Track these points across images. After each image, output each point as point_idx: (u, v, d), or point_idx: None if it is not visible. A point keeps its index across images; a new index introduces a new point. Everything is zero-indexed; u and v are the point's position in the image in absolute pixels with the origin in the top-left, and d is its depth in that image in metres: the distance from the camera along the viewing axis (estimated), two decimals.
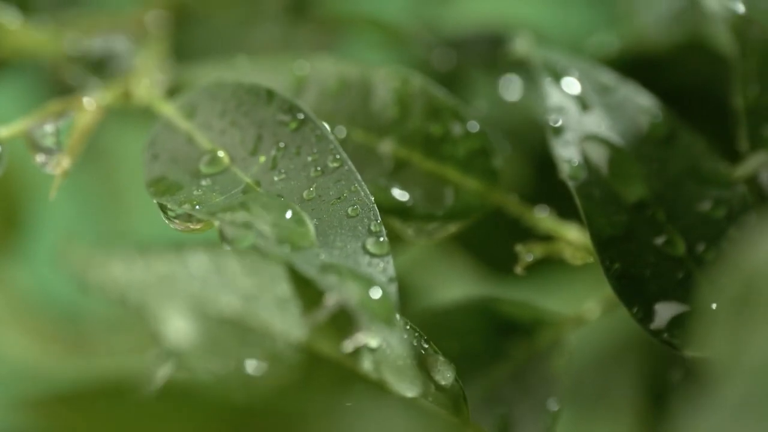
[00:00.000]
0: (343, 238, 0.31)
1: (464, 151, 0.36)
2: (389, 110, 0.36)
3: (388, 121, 0.36)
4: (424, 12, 0.50)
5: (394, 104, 0.36)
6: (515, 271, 0.35)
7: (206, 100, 0.35)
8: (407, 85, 0.36)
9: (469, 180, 0.35)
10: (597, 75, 0.37)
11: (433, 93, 0.36)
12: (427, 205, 0.35)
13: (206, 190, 0.32)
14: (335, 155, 0.32)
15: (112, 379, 0.23)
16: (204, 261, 0.29)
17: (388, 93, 0.36)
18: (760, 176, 0.35)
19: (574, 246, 0.35)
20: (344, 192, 0.32)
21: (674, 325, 0.33)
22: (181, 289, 0.29)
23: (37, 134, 0.35)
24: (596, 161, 0.35)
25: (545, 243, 0.36)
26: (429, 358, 0.30)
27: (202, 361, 0.28)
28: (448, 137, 0.36)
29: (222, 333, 0.28)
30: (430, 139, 0.36)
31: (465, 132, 0.36)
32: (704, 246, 0.34)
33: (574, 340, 0.36)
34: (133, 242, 0.30)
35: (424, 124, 0.36)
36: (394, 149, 0.35)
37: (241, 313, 0.29)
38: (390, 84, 0.36)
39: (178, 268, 0.29)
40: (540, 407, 0.35)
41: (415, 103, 0.36)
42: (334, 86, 0.36)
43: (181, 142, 0.34)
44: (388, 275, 0.30)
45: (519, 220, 0.36)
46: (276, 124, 0.33)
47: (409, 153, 0.35)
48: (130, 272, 0.28)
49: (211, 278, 0.29)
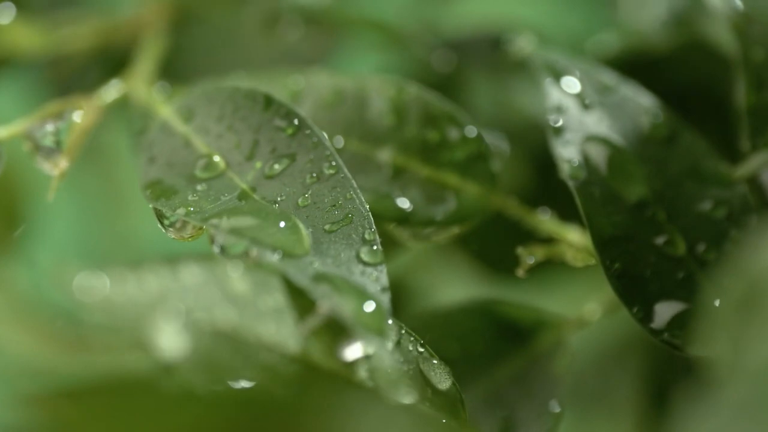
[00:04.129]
0: (337, 247, 0.31)
1: (462, 156, 0.36)
2: (385, 119, 0.36)
3: (385, 130, 0.36)
4: (425, 13, 0.50)
5: (390, 113, 0.36)
6: (517, 274, 0.35)
7: (204, 103, 0.35)
8: (402, 93, 0.36)
9: (468, 184, 0.35)
10: (597, 75, 0.37)
11: (429, 100, 0.36)
12: (427, 210, 0.35)
13: (201, 196, 0.32)
14: (331, 162, 0.32)
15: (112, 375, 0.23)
16: (197, 273, 0.29)
17: (383, 102, 0.36)
18: (761, 176, 0.35)
19: (576, 248, 0.35)
20: (339, 199, 0.31)
21: (675, 325, 0.33)
22: (174, 304, 0.28)
23: (36, 134, 0.35)
24: (596, 161, 0.35)
25: (546, 245, 0.36)
26: (425, 362, 0.30)
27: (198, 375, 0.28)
28: (445, 143, 0.36)
29: (216, 346, 0.28)
30: (427, 145, 0.36)
31: (462, 137, 0.36)
32: (705, 246, 0.34)
33: (575, 340, 0.36)
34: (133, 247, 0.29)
35: (421, 130, 0.36)
36: (393, 157, 0.35)
37: (235, 325, 0.29)
38: (385, 93, 0.36)
39: (171, 283, 0.29)
40: (542, 409, 0.35)
41: (410, 110, 0.36)
42: (330, 98, 0.36)
43: (178, 146, 0.34)
44: (381, 285, 0.30)
45: (520, 222, 0.36)
46: (273, 129, 0.33)
47: (407, 160, 0.35)
48: (123, 290, 0.28)
49: (204, 290, 0.29)
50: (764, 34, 0.36)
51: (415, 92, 0.36)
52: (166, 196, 0.33)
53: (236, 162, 0.33)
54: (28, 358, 0.53)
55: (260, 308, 0.29)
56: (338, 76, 0.36)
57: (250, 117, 0.34)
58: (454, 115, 0.36)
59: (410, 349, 0.30)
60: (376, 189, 0.35)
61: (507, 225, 0.36)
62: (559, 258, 0.36)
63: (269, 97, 0.34)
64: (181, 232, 0.32)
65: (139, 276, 0.28)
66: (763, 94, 0.35)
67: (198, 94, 0.35)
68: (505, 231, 0.37)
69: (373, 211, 0.32)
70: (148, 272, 0.28)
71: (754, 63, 0.35)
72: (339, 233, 0.31)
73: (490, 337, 0.36)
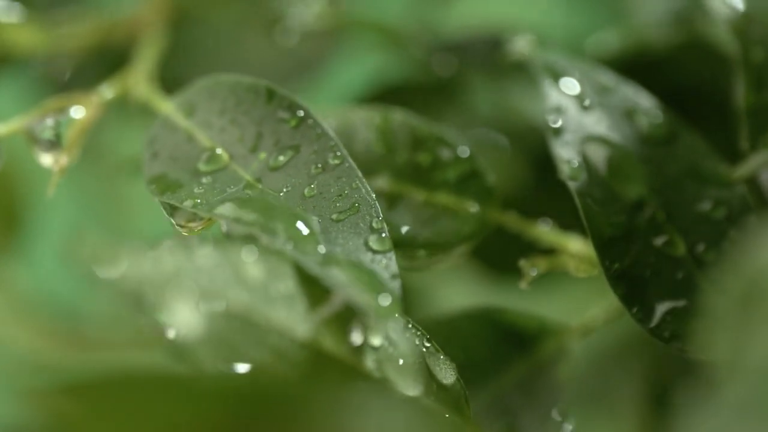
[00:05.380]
0: (345, 236, 0.31)
1: (456, 175, 0.35)
2: (375, 148, 0.36)
3: (376, 159, 0.36)
4: (424, 14, 0.50)
5: (378, 141, 0.36)
6: (519, 286, 0.35)
7: (205, 98, 0.35)
8: (388, 121, 0.36)
9: (465, 203, 0.35)
10: (597, 75, 0.37)
11: (415, 124, 0.36)
12: (427, 234, 0.35)
13: (207, 188, 0.32)
14: (336, 152, 0.32)
15: (113, 371, 0.23)
16: (212, 255, 0.29)
17: (370, 132, 0.36)
18: (761, 176, 0.35)
19: (578, 258, 0.35)
20: (345, 189, 0.31)
21: (674, 326, 0.33)
22: (189, 283, 0.29)
23: (36, 131, 0.35)
24: (596, 162, 0.35)
25: (548, 256, 0.36)
26: (431, 357, 0.30)
27: (208, 355, 0.28)
28: (437, 164, 0.35)
29: (228, 328, 0.29)
30: (419, 168, 0.35)
31: (454, 156, 0.36)
32: (704, 246, 0.34)
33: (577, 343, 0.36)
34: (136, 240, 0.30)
35: (412, 155, 0.36)
36: (386, 185, 0.35)
37: (247, 308, 0.29)
38: (371, 122, 0.36)
39: (187, 263, 0.29)
40: (545, 416, 0.35)
41: (398, 136, 0.36)
42: None
43: (181, 140, 0.34)
44: (391, 272, 0.30)
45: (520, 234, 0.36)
46: (276, 121, 0.33)
47: (401, 187, 0.35)
48: (139, 266, 0.28)
49: (218, 272, 0.29)
50: (764, 34, 0.36)
51: (401, 118, 0.36)
52: (172, 189, 0.33)
53: (240, 155, 0.33)
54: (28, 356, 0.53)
55: (272, 294, 0.29)
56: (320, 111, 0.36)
57: (253, 110, 0.34)
58: (442, 136, 0.36)
59: (416, 343, 0.30)
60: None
61: (509, 231, 0.36)
62: (562, 268, 0.36)
63: (271, 90, 0.34)
64: (189, 225, 0.32)
65: (156, 253, 0.29)
66: (763, 94, 0.35)
67: (199, 89, 0.35)
68: (506, 236, 0.37)
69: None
70: (165, 250, 0.29)
71: (753, 63, 0.35)
72: (346, 222, 0.31)
73: (493, 344, 0.36)
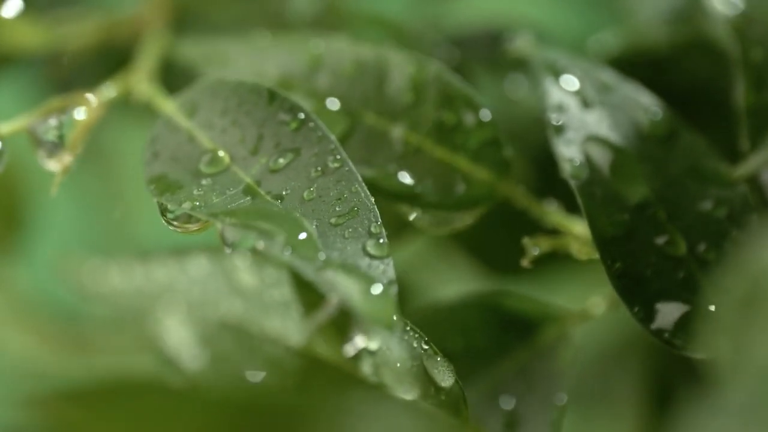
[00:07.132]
0: (343, 240, 0.31)
1: (476, 141, 0.35)
2: (403, 95, 0.36)
3: (402, 107, 0.36)
4: (427, 10, 0.50)
5: (408, 90, 0.36)
6: (522, 264, 0.35)
7: (207, 98, 0.35)
8: (423, 71, 0.36)
9: (480, 170, 0.35)
10: (598, 74, 0.37)
11: (448, 80, 0.36)
12: (436, 193, 0.35)
13: (207, 190, 0.32)
14: (336, 155, 0.32)
15: (115, 376, 0.23)
16: (204, 265, 0.29)
17: (403, 78, 0.36)
18: (761, 176, 0.35)
19: (581, 240, 0.35)
20: (345, 193, 0.31)
21: (675, 325, 0.33)
22: (181, 296, 0.28)
23: (38, 131, 0.35)
24: (598, 161, 0.35)
25: (552, 237, 0.36)
26: (429, 359, 0.30)
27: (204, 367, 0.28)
28: (460, 126, 0.35)
29: (223, 339, 0.28)
30: (442, 126, 0.35)
31: (478, 121, 0.36)
32: (705, 246, 0.34)
33: (578, 337, 0.36)
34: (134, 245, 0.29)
35: (438, 111, 0.36)
36: (406, 135, 0.35)
37: (241, 318, 0.29)
38: (405, 69, 0.36)
39: (178, 275, 0.29)
40: (546, 402, 0.35)
41: (429, 89, 0.36)
42: (349, 68, 0.36)
43: (182, 141, 0.34)
44: (388, 277, 0.30)
45: (523, 216, 0.36)
46: (277, 123, 0.33)
47: (420, 139, 0.35)
48: (130, 280, 0.28)
49: (211, 283, 0.29)
50: (764, 34, 0.36)
51: (435, 71, 0.36)
52: (171, 190, 0.33)
53: (241, 156, 0.33)
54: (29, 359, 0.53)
55: (266, 301, 0.29)
56: (359, 45, 0.36)
57: (255, 111, 0.34)
58: (471, 98, 0.36)
59: (414, 345, 0.30)
60: (383, 165, 0.35)
61: (508, 221, 0.36)
62: (564, 250, 0.36)
63: (273, 92, 0.34)
64: (186, 226, 0.32)
65: (146, 266, 0.28)
66: (763, 94, 0.35)
67: (202, 89, 0.35)
68: (506, 227, 0.37)
69: (378, 187, 0.32)
70: (156, 263, 0.28)
71: (754, 63, 0.35)
72: (345, 226, 0.31)
73: (493, 330, 0.36)
